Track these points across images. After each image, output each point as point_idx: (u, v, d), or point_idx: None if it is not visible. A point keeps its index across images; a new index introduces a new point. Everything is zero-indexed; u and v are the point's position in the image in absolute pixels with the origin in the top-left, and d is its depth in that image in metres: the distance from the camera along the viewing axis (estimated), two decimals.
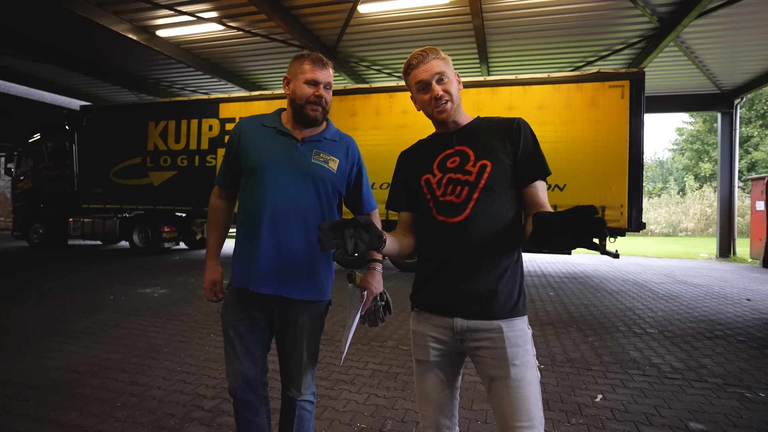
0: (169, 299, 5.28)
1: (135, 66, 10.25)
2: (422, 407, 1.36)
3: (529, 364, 1.24)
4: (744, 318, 4.86)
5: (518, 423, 1.20)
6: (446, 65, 1.36)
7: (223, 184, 1.67)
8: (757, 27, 7.24)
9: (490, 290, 1.27)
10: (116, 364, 3.15)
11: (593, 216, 0.92)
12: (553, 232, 1.00)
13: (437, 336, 1.32)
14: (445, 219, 1.33)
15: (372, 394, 2.75)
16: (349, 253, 1.11)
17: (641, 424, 2.42)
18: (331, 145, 1.60)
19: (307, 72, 1.51)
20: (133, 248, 10.02)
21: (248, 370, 1.55)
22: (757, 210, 9.76)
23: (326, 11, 6.99)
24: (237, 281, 1.54)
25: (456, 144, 1.38)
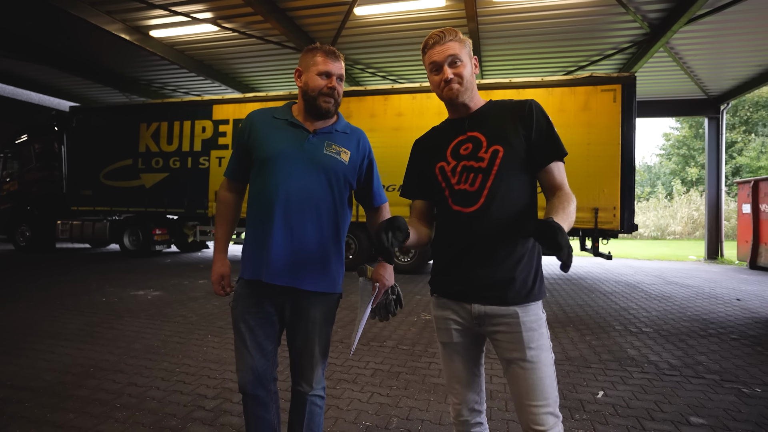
0: (163, 301, 5.20)
1: (127, 67, 10.15)
2: (451, 386, 1.42)
3: (544, 347, 1.28)
4: (735, 317, 4.95)
5: (534, 402, 1.24)
6: (462, 48, 1.35)
7: (232, 177, 1.66)
8: (743, 34, 7.44)
9: (506, 277, 1.29)
10: (112, 366, 3.09)
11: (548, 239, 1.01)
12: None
13: (457, 319, 1.36)
14: (460, 209, 1.34)
15: (375, 392, 2.74)
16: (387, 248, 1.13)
17: (643, 419, 2.44)
18: (343, 138, 1.60)
19: (320, 64, 1.50)
20: (123, 251, 9.86)
21: (259, 365, 1.53)
22: (744, 213, 9.97)
23: (322, 13, 7.01)
24: (248, 273, 1.52)
25: (468, 130, 1.38)
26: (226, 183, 1.68)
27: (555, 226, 1.01)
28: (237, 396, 2.63)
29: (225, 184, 1.68)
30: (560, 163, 1.32)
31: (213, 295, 5.64)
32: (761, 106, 23.50)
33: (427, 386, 2.85)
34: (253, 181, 1.57)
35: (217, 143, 8.96)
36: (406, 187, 1.53)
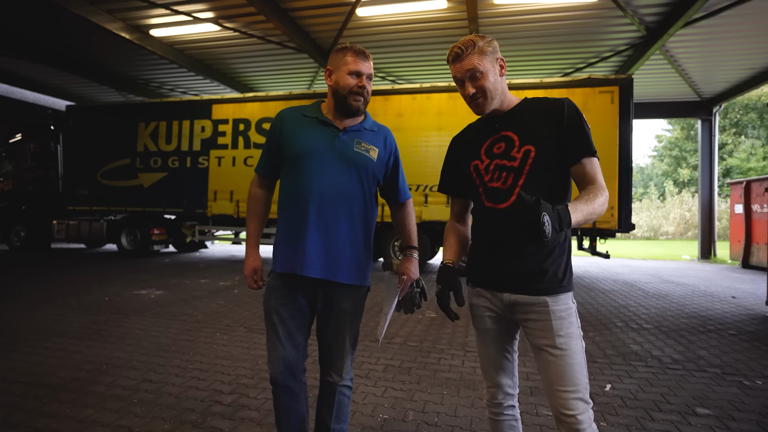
0: (167, 300, 5.20)
1: (124, 65, 10.10)
2: (486, 370, 1.48)
3: (574, 335, 1.32)
4: (732, 314, 5.06)
5: (563, 388, 1.29)
6: (482, 58, 1.36)
7: (264, 173, 1.70)
8: (736, 38, 7.60)
9: (537, 269, 1.34)
10: (125, 363, 3.10)
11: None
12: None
13: (491, 307, 1.43)
14: (492, 205, 1.40)
15: (389, 387, 2.78)
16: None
17: (652, 411, 2.51)
18: (371, 135, 1.64)
19: (351, 63, 1.55)
20: (121, 251, 9.79)
21: (290, 356, 1.57)
22: (736, 213, 10.16)
23: (325, 14, 7.05)
24: (282, 266, 1.56)
25: (501, 129, 1.43)
26: (257, 179, 1.72)
27: (529, 206, 1.05)
28: (253, 391, 2.67)
29: (256, 180, 1.72)
30: (593, 159, 1.34)
31: (216, 294, 5.65)
32: (751, 109, 23.90)
33: (438, 381, 2.90)
34: (285, 178, 1.61)
35: (216, 143, 8.95)
36: (443, 183, 1.60)
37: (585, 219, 1.20)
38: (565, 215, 1.11)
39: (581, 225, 1.22)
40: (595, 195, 1.26)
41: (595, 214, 1.24)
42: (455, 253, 1.52)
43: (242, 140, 8.80)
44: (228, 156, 8.87)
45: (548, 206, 1.07)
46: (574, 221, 1.14)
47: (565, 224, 1.10)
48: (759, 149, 23.01)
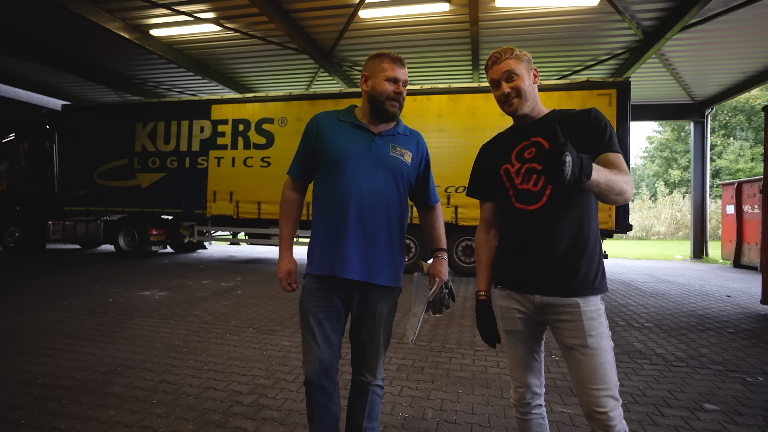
0: (172, 301, 5.20)
1: (122, 65, 10.03)
2: (514, 371, 1.53)
3: (604, 335, 1.38)
4: (728, 312, 5.19)
5: (595, 386, 1.34)
6: (518, 63, 1.47)
7: (298, 177, 1.73)
8: (729, 43, 7.77)
9: (568, 271, 1.40)
10: (139, 364, 3.11)
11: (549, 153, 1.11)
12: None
13: (521, 308, 1.48)
14: (523, 207, 1.46)
15: (404, 386, 2.83)
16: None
17: (661, 407, 2.59)
18: (404, 140, 1.69)
19: (388, 70, 1.60)
20: (118, 252, 9.72)
21: (326, 357, 1.61)
22: (728, 214, 10.36)
23: (327, 15, 7.07)
24: (319, 269, 1.60)
25: (532, 135, 1.49)
26: (291, 183, 1.75)
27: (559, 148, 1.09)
28: (271, 391, 2.70)
29: (289, 183, 1.75)
30: (618, 155, 1.37)
31: (220, 295, 5.65)
32: (739, 111, 24.36)
33: (452, 380, 2.96)
34: (321, 181, 1.65)
35: (215, 143, 8.92)
36: (472, 187, 1.66)
37: (606, 183, 1.21)
38: (587, 165, 1.13)
39: (600, 188, 1.21)
40: (619, 172, 1.29)
41: (616, 187, 1.25)
42: (488, 278, 1.59)
43: (242, 141, 8.79)
44: (227, 156, 8.85)
45: (574, 151, 1.11)
46: (594, 177, 1.16)
47: (585, 174, 1.12)
48: (747, 151, 23.46)
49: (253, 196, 8.66)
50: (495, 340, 1.56)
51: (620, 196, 1.28)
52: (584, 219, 1.42)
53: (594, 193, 1.29)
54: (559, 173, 1.08)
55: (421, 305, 1.73)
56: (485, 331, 1.57)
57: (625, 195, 1.29)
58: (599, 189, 1.23)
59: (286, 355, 3.40)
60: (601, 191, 1.24)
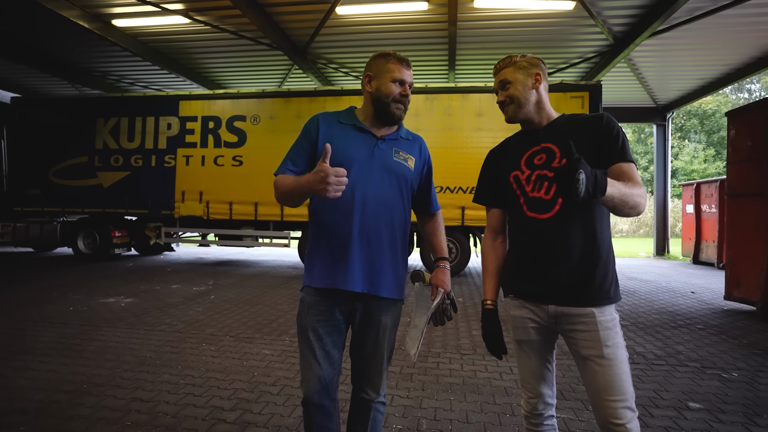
0: (140, 308, 4.89)
1: (80, 56, 9.40)
2: (527, 381, 1.48)
3: (619, 345, 1.35)
4: (695, 309, 5.41)
5: (612, 397, 1.31)
6: (515, 71, 1.46)
7: (295, 167, 1.52)
8: (690, 50, 8.15)
9: (583, 280, 1.35)
10: (107, 381, 2.87)
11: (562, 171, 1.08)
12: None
13: (535, 318, 1.43)
14: (535, 215, 1.41)
15: (395, 395, 2.75)
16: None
17: (650, 407, 2.63)
18: (407, 144, 1.60)
19: (395, 71, 1.50)
20: (77, 255, 9.13)
21: (326, 374, 1.50)
22: (688, 213, 10.88)
23: (303, 10, 6.88)
24: (320, 281, 1.49)
25: (542, 141, 1.45)
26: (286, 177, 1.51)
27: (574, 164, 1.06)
28: (257, 405, 2.55)
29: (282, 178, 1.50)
30: (631, 165, 1.34)
31: (192, 300, 5.38)
32: (693, 115, 25.76)
33: (443, 386, 2.90)
34: None
35: (184, 141, 8.54)
36: (479, 193, 1.61)
37: (620, 197, 1.18)
38: (602, 181, 1.11)
39: (614, 202, 1.19)
40: (634, 186, 1.25)
41: (630, 201, 1.22)
42: (495, 287, 1.54)
43: (212, 139, 8.45)
44: (197, 155, 8.48)
45: (588, 168, 1.08)
46: (609, 192, 1.13)
47: (599, 190, 1.10)
48: (700, 153, 24.83)
49: (225, 197, 8.34)
50: (502, 351, 1.51)
51: (634, 210, 1.26)
52: (597, 228, 1.38)
53: (608, 207, 1.28)
54: (573, 191, 1.06)
55: (424, 317, 1.65)
56: (492, 342, 1.51)
57: (639, 208, 1.26)
58: (613, 203, 1.21)
59: (268, 365, 3.24)
60: (615, 205, 1.22)
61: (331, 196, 1.27)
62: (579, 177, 1.05)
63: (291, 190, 1.41)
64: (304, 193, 1.36)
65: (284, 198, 1.46)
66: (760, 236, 4.85)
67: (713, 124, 25.39)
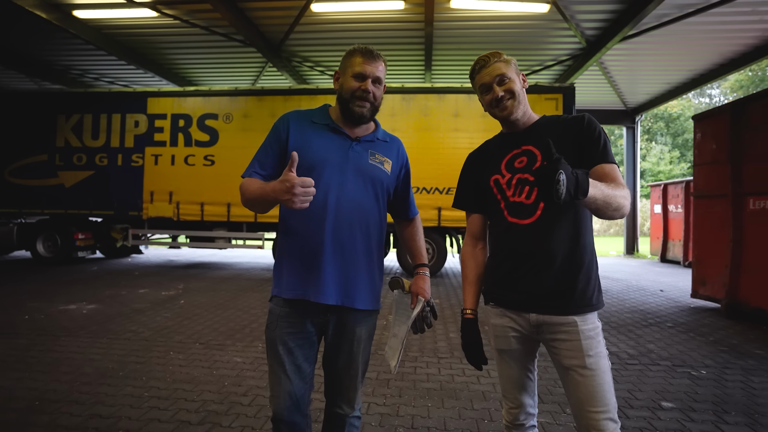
0: (104, 315, 4.64)
1: (39, 49, 8.88)
2: (508, 391, 1.44)
3: (602, 354, 1.31)
4: (665, 307, 5.56)
5: (594, 408, 1.27)
6: (508, 67, 1.40)
7: (262, 170, 1.42)
8: (657, 56, 8.42)
9: (565, 288, 1.32)
10: (63, 396, 2.68)
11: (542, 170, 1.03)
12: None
13: (516, 327, 1.39)
14: (516, 221, 1.36)
15: (371, 402, 2.67)
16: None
17: (625, 408, 2.64)
18: (384, 146, 1.53)
19: (356, 65, 1.41)
20: (36, 258, 8.65)
21: (297, 389, 1.41)
22: (655, 213, 11.26)
23: (277, 6, 6.70)
24: (290, 292, 1.39)
25: (523, 144, 1.40)
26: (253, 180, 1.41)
27: (554, 164, 1.01)
28: (227, 418, 2.43)
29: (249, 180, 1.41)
30: (613, 166, 1.30)
31: (160, 305, 5.15)
32: (659, 118, 26.76)
33: (420, 392, 2.84)
34: None
35: (152, 139, 8.21)
36: (459, 198, 1.55)
37: (603, 199, 1.13)
38: (583, 181, 1.05)
39: (597, 204, 1.13)
40: (616, 186, 1.21)
41: (614, 203, 1.17)
42: (475, 295, 1.49)
43: (182, 137, 8.16)
44: (166, 154, 8.18)
45: (569, 168, 1.03)
46: (591, 193, 1.07)
47: (581, 191, 1.05)
48: (666, 154, 25.81)
49: (196, 197, 8.07)
50: (482, 362, 1.45)
51: (618, 212, 1.21)
52: (580, 232, 1.35)
53: (591, 210, 1.23)
54: (553, 192, 0.99)
55: (404, 326, 1.58)
56: (472, 353, 1.45)
57: (623, 210, 1.22)
58: (596, 205, 1.15)
59: (239, 373, 3.11)
60: (598, 207, 1.17)
61: (297, 207, 1.19)
62: (559, 178, 0.99)
63: (256, 196, 1.32)
64: (269, 200, 1.27)
65: (250, 204, 1.36)
66: (724, 236, 5.02)
67: (678, 127, 26.43)
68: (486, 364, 1.45)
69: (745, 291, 4.79)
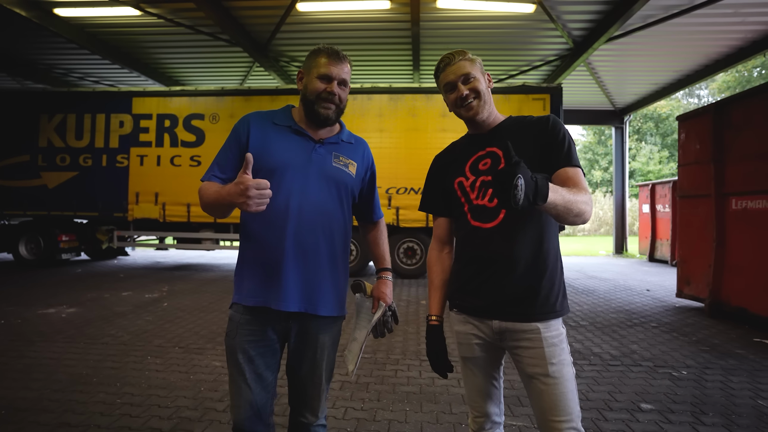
0: (82, 319, 4.56)
1: (21, 47, 8.73)
2: (473, 399, 1.41)
3: (566, 362, 1.28)
4: (650, 307, 5.58)
5: (557, 418, 1.24)
6: (473, 66, 1.36)
7: (222, 173, 1.38)
8: (644, 57, 8.47)
9: (528, 294, 1.29)
10: (32, 404, 2.61)
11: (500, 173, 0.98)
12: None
13: (479, 334, 1.35)
14: (479, 224, 1.33)
15: (348, 407, 2.63)
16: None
17: (603, 410, 2.63)
18: (349, 148, 1.49)
19: (321, 66, 1.38)
20: (19, 261, 8.50)
21: (258, 399, 1.37)
22: (644, 212, 11.33)
23: (262, 6, 6.63)
24: (250, 299, 1.35)
25: (487, 145, 1.37)
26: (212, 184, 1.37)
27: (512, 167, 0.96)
28: (198, 425, 2.37)
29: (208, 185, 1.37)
30: (577, 169, 1.27)
31: (143, 308, 5.07)
32: (649, 118, 27.00)
33: (399, 396, 2.81)
34: None
35: (138, 140, 8.11)
36: (425, 201, 1.51)
37: (563, 204, 1.09)
38: (542, 187, 1.01)
39: (558, 210, 1.09)
40: (579, 191, 1.17)
41: (575, 209, 1.13)
42: (441, 301, 1.44)
43: (168, 137, 8.07)
44: (152, 154, 8.08)
45: (528, 172, 0.98)
46: (551, 199, 1.03)
47: (540, 197, 1.00)
48: (656, 154, 26.04)
49: (182, 198, 7.98)
50: (446, 370, 1.41)
51: (579, 217, 1.17)
52: (544, 236, 1.32)
53: (551, 215, 1.18)
54: (510, 197, 0.94)
55: (364, 330, 1.56)
56: (436, 361, 1.42)
57: (584, 216, 1.18)
58: (557, 211, 1.11)
59: (217, 378, 3.06)
60: (559, 213, 1.12)
61: (253, 210, 1.15)
62: (517, 183, 0.94)
63: (213, 201, 1.27)
64: (225, 204, 1.22)
65: (208, 208, 1.32)
66: (707, 236, 5.04)
67: (667, 128, 26.68)
68: (451, 372, 1.42)
69: (728, 290, 4.82)
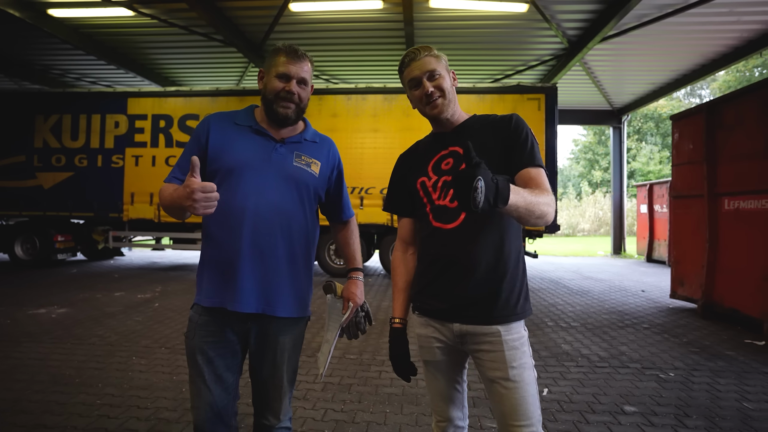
0: (72, 320, 4.55)
1: (18, 48, 8.76)
2: (436, 403, 1.39)
3: (527, 366, 1.27)
4: (643, 308, 5.55)
5: (517, 422, 1.23)
6: (439, 62, 1.33)
7: (182, 175, 1.36)
8: (641, 56, 8.43)
9: (488, 296, 1.27)
10: (11, 405, 2.60)
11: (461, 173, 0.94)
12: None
13: (440, 337, 1.33)
14: (440, 225, 1.31)
15: (329, 409, 2.62)
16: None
17: (586, 413, 2.60)
18: (312, 147, 1.47)
19: (279, 65, 1.36)
20: (14, 261, 8.52)
21: (219, 400, 1.36)
22: (642, 213, 11.29)
23: (255, 6, 6.63)
24: (208, 300, 1.34)
25: (449, 144, 1.35)
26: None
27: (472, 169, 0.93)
28: (176, 426, 2.36)
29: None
30: (539, 170, 1.25)
31: (133, 309, 5.06)
32: (649, 118, 26.91)
33: (380, 397, 2.79)
34: None
35: (133, 140, 8.12)
36: (389, 201, 1.49)
37: (525, 206, 1.07)
38: (503, 189, 0.98)
39: (519, 212, 1.07)
40: (541, 193, 1.16)
41: (537, 210, 1.11)
42: (404, 303, 1.42)
43: (163, 138, 8.07)
44: (147, 155, 8.08)
45: (488, 174, 0.95)
46: (512, 201, 1.01)
47: (501, 199, 0.98)
48: (656, 154, 25.96)
49: None
50: (409, 373, 1.39)
51: (541, 219, 1.15)
52: (505, 238, 1.29)
53: (513, 217, 1.16)
54: (470, 200, 0.91)
55: (334, 331, 1.54)
56: (398, 364, 1.39)
57: (546, 218, 1.16)
58: (518, 213, 1.08)
59: None
60: (521, 215, 1.10)
61: (200, 213, 1.14)
62: (477, 185, 0.91)
63: (168, 202, 1.26)
64: (177, 206, 1.21)
65: (167, 210, 1.31)
66: (701, 236, 5.01)
67: (667, 128, 26.55)
68: (414, 375, 1.40)
69: (720, 291, 4.78)
